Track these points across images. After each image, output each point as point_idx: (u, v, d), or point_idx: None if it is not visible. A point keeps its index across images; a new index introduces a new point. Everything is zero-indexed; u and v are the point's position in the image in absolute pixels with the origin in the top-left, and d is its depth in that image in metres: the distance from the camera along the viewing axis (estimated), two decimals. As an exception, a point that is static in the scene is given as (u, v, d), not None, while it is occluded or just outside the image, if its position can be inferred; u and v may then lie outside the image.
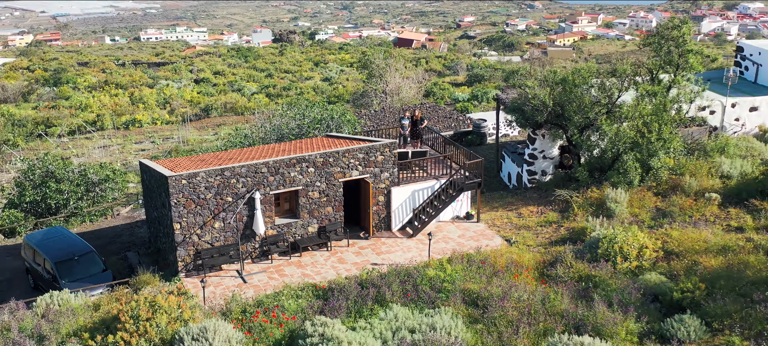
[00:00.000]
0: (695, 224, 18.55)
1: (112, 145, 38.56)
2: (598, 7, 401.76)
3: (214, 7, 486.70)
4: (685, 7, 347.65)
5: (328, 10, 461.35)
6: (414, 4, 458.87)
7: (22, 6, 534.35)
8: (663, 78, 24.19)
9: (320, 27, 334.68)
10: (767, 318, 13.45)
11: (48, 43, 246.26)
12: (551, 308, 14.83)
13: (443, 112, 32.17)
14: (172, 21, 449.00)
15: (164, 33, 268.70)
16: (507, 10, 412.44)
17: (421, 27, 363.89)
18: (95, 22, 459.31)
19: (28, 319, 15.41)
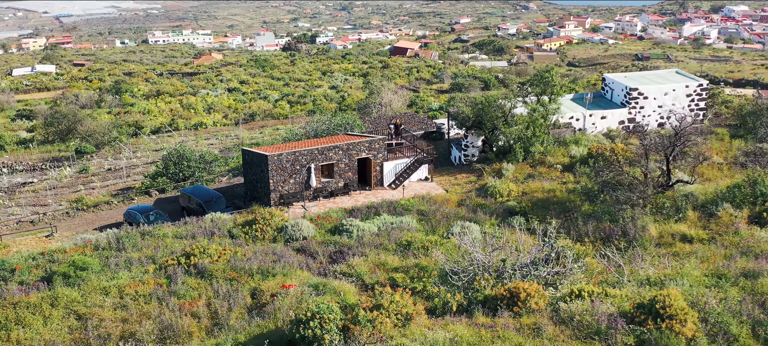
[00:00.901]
0: (543, 180, 35.73)
1: (188, 140, 55.64)
2: (591, 8, 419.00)
3: (215, 8, 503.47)
4: (674, 9, 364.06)
5: (328, 10, 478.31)
6: (411, 5, 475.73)
7: (25, 6, 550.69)
8: (545, 99, 41.28)
9: (320, 30, 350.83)
10: (553, 214, 30.50)
11: (62, 47, 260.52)
12: (457, 215, 31.97)
13: (419, 118, 49.25)
14: (174, 22, 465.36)
15: (171, 36, 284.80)
16: (502, 11, 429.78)
17: (418, 28, 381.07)
18: (98, 23, 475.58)
19: (206, 221, 32.55)
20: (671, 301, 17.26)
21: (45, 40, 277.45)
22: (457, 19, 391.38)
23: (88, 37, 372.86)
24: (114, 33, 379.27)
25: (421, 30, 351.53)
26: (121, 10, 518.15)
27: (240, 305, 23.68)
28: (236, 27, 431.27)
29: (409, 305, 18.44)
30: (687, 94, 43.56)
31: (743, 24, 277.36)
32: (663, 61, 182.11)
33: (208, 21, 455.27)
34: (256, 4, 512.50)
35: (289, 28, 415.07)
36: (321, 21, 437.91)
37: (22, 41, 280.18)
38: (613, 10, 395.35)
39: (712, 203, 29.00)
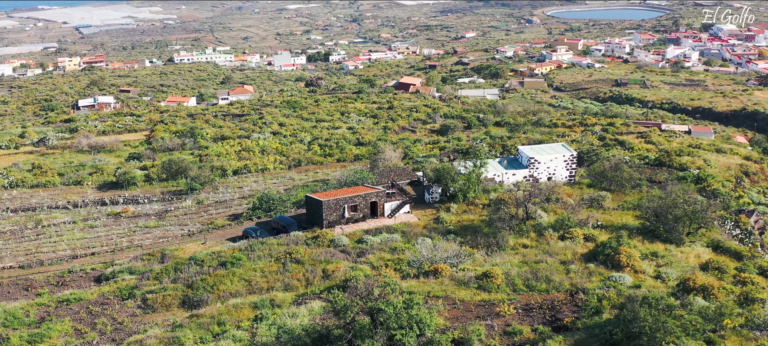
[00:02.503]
0: (471, 214, 67.87)
1: (259, 181, 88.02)
2: (592, 22, 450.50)
3: (229, 19, 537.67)
4: (668, 25, 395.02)
5: (339, 23, 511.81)
6: (419, 18, 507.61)
7: (45, 16, 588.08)
8: (477, 164, 73.29)
9: (333, 46, 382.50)
10: (468, 233, 62.60)
11: (99, 67, 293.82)
12: (421, 233, 64.22)
13: (408, 171, 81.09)
14: (191, 33, 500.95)
15: (195, 54, 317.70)
16: (506, 25, 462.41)
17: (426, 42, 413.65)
18: (117, 34, 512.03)
19: (291, 237, 65.02)
20: (493, 272, 49.74)
21: (79, 59, 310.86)
22: (463, 34, 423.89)
23: (112, 51, 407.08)
24: (137, 48, 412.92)
25: (428, 45, 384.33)
26: (138, 21, 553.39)
27: (318, 276, 56.23)
28: (251, 39, 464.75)
29: (392, 274, 51.04)
30: (564, 160, 75.79)
31: (726, 45, 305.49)
32: (639, 86, 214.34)
33: (223, 33, 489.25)
34: (269, 15, 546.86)
35: (302, 40, 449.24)
36: (332, 33, 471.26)
37: (58, 60, 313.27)
38: (613, 25, 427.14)
39: (545, 228, 61.28)
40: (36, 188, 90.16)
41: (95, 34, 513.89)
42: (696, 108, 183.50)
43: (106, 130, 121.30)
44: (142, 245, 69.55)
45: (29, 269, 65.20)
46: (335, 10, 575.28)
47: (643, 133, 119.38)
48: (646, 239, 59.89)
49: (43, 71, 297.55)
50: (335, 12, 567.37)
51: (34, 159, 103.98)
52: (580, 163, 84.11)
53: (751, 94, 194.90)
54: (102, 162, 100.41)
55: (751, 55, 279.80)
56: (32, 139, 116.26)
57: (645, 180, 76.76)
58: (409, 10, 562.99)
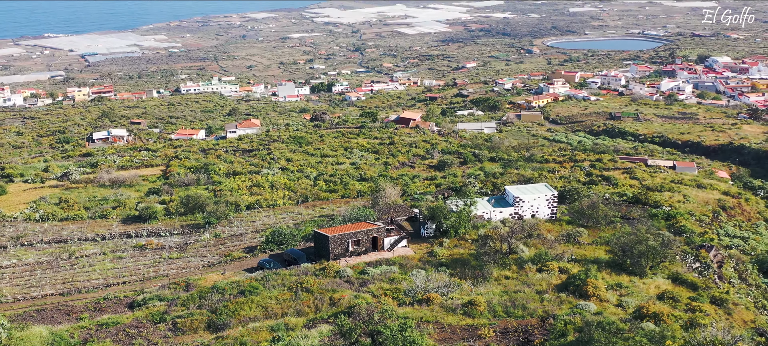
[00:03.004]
0: (461, 248, 76.93)
1: (269, 215, 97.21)
2: (591, 52, 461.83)
3: (233, 48, 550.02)
4: (664, 56, 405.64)
5: (341, 52, 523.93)
6: (421, 47, 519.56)
7: (51, 44, 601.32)
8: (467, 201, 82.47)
9: (336, 77, 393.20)
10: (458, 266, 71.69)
11: (108, 98, 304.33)
12: (416, 265, 73.26)
13: (405, 207, 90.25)
14: (195, 62, 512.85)
15: (201, 85, 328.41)
16: (507, 55, 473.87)
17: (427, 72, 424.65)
18: (123, 62, 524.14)
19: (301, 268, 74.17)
20: (477, 300, 58.82)
21: (88, 89, 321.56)
22: (464, 64, 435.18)
23: (119, 80, 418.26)
24: (144, 77, 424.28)
25: (429, 75, 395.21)
26: (143, 49, 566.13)
27: (325, 303, 65.29)
28: (255, 67, 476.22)
29: (390, 302, 60.15)
30: (546, 199, 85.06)
31: (720, 77, 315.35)
32: (632, 119, 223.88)
33: (227, 61, 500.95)
34: (273, 44, 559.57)
35: (305, 70, 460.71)
36: (335, 62, 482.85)
37: (68, 90, 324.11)
38: (612, 56, 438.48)
39: (525, 261, 70.35)
40: (65, 221, 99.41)
41: (101, 63, 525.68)
42: (685, 142, 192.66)
43: (124, 165, 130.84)
44: (167, 275, 78.61)
45: (68, 296, 74.20)
46: (338, 40, 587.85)
47: (628, 169, 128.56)
48: (614, 272, 68.93)
49: (53, 101, 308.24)
50: (338, 41, 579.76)
51: (60, 193, 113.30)
52: (562, 200, 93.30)
53: (739, 128, 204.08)
54: (123, 196, 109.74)
55: (744, 88, 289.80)
56: (56, 174, 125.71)
57: (619, 218, 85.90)
58: (411, 39, 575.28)
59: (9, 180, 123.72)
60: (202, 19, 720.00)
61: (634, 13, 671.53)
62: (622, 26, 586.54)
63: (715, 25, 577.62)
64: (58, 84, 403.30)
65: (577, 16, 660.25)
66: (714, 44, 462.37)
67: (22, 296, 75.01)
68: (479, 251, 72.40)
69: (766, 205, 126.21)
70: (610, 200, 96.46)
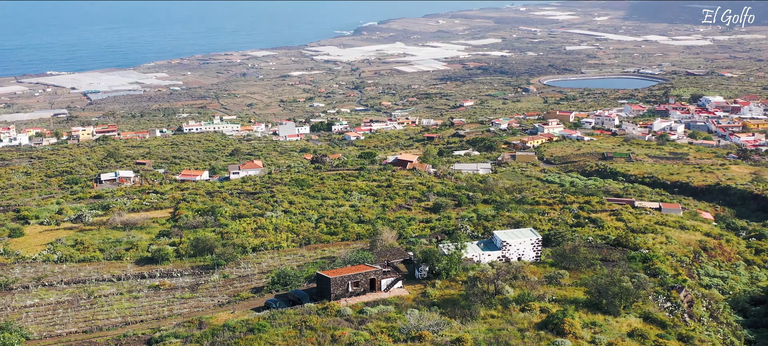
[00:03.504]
0: (452, 289, 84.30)
1: (274, 257, 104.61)
2: (587, 91, 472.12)
3: (234, 86, 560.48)
4: (659, 95, 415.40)
5: (341, 90, 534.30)
6: (419, 86, 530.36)
7: (54, 82, 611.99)
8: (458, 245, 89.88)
9: (335, 115, 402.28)
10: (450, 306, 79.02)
11: (112, 137, 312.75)
12: (411, 305, 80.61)
13: (401, 250, 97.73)
14: (197, 100, 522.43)
15: (203, 124, 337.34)
16: (504, 93, 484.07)
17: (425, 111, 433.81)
18: (124, 100, 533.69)
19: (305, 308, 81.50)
20: (464, 337, 66.19)
21: (92, 129, 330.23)
22: (462, 102, 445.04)
23: (122, 119, 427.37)
24: (146, 115, 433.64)
25: (428, 114, 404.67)
26: (145, 87, 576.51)
27: (327, 340, 72.59)
28: (255, 106, 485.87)
29: (386, 339, 67.51)
30: (531, 243, 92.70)
31: (712, 117, 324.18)
32: (624, 160, 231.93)
33: (228, 99, 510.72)
34: (273, 82, 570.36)
35: (305, 108, 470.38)
36: (335, 101, 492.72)
37: (72, 129, 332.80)
38: (607, 94, 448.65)
39: (510, 301, 77.71)
40: (82, 262, 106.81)
41: (103, 100, 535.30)
42: (675, 182, 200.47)
43: (134, 207, 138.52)
44: (181, 314, 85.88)
45: (91, 334, 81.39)
46: (337, 77, 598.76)
47: (615, 211, 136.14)
48: (590, 311, 76.27)
49: (58, 140, 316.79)
50: (337, 79, 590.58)
51: (75, 235, 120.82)
52: (547, 244, 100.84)
53: (727, 169, 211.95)
54: (135, 238, 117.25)
55: (735, 128, 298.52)
56: (70, 216, 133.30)
57: (598, 260, 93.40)
58: (410, 77, 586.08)
59: (25, 222, 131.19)
60: (203, 56, 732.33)
61: (629, 51, 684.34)
62: (618, 65, 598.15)
63: (710, 63, 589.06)
64: (62, 122, 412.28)
65: (574, 54, 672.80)
66: (708, 83, 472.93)
67: (47, 334, 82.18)
68: (468, 291, 79.72)
69: (747, 245, 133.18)
70: (593, 243, 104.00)
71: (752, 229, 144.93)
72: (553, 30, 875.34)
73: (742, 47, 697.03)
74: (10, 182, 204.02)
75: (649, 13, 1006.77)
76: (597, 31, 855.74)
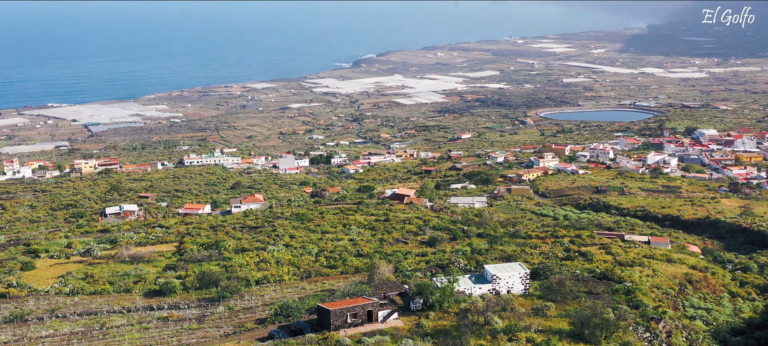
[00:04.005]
0: (445, 320, 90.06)
1: (277, 290, 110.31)
2: (583, 124, 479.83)
3: (234, 119, 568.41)
4: (653, 128, 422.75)
5: (340, 122, 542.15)
6: (418, 118, 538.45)
7: (55, 114, 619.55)
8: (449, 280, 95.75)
9: (334, 148, 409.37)
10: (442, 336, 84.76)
11: (115, 170, 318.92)
12: (405, 335, 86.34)
13: (397, 284, 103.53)
14: (197, 132, 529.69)
15: (204, 157, 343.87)
16: (501, 126, 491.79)
17: (423, 143, 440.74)
18: (125, 132, 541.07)
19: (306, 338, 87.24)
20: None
21: (95, 162, 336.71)
22: (459, 135, 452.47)
23: (123, 151, 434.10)
24: (147, 147, 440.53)
25: (426, 146, 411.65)
26: (145, 119, 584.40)
27: (328, 368, 78.32)
28: (255, 138, 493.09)
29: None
30: (519, 277, 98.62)
31: (705, 150, 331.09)
32: (617, 193, 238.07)
33: (228, 132, 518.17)
34: (273, 114, 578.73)
35: (304, 140, 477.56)
36: (334, 133, 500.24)
37: (75, 162, 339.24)
38: (603, 127, 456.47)
39: (498, 332, 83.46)
40: (93, 295, 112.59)
41: (104, 132, 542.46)
42: (666, 215, 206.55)
43: (141, 241, 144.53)
44: (189, 344, 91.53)
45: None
46: (337, 109, 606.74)
47: (605, 245, 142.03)
48: (573, 341, 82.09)
49: (61, 173, 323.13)
50: (337, 111, 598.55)
51: (85, 269, 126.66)
52: (536, 277, 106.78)
53: (718, 202, 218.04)
54: (143, 272, 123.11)
55: (727, 161, 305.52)
56: (79, 250, 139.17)
57: (584, 292, 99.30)
58: (408, 109, 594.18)
59: (35, 256, 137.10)
60: (203, 88, 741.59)
61: (626, 83, 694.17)
62: (615, 97, 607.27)
63: (706, 96, 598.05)
64: (64, 155, 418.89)
65: (571, 86, 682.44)
66: (703, 115, 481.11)
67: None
68: (459, 322, 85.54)
69: (732, 277, 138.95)
70: (580, 276, 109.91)
71: (738, 262, 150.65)
72: (551, 62, 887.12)
73: (737, 79, 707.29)
74: (16, 216, 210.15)
75: (645, 45, 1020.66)
76: (594, 63, 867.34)
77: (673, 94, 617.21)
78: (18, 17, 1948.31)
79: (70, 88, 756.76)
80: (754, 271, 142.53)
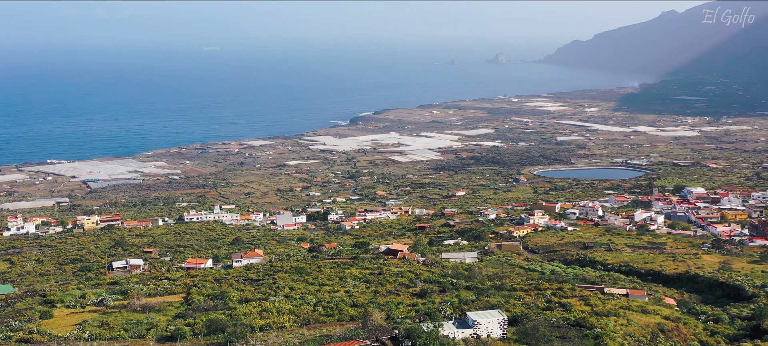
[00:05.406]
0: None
1: (279, 335, 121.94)
2: (576, 181, 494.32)
3: (232, 176, 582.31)
4: (642, 185, 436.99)
5: (336, 179, 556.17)
6: (413, 175, 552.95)
7: (54, 170, 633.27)
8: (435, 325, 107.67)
9: (331, 205, 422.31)
10: None
11: (117, 226, 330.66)
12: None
13: (388, 329, 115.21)
14: (195, 189, 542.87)
15: (203, 213, 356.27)
16: (495, 183, 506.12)
17: (419, 200, 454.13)
18: (124, 188, 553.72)
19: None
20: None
21: (97, 218, 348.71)
22: (454, 192, 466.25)
23: (123, 207, 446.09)
24: (147, 204, 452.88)
25: (421, 203, 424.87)
26: (144, 176, 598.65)
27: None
28: (253, 194, 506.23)
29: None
30: (498, 322, 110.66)
31: (692, 208, 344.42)
32: (603, 249, 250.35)
33: (226, 188, 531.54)
34: (270, 171, 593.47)
35: (301, 197, 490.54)
36: (330, 190, 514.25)
37: (77, 219, 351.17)
38: (595, 185, 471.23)
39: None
40: (110, 340, 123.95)
41: (103, 189, 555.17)
42: (648, 270, 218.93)
43: (150, 292, 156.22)
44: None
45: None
46: (333, 167, 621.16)
47: (584, 297, 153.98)
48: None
49: (63, 229, 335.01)
50: (333, 168, 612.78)
51: (99, 317, 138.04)
52: (515, 323, 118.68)
53: (699, 258, 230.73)
54: (154, 320, 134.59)
55: (713, 219, 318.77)
56: (93, 300, 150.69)
57: (556, 337, 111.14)
58: (404, 167, 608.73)
59: (52, 306, 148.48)
60: (201, 146, 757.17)
61: (619, 142, 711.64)
62: (607, 155, 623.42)
63: (696, 154, 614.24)
64: (65, 211, 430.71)
65: (564, 144, 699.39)
66: (692, 174, 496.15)
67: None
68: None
69: (704, 328, 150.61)
70: (555, 324, 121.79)
71: (712, 313, 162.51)
72: (545, 120, 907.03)
73: (728, 138, 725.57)
74: (25, 269, 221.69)
75: (638, 104, 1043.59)
76: (587, 122, 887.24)
77: (664, 152, 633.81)
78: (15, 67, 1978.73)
79: (70, 144, 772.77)
80: (725, 322, 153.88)
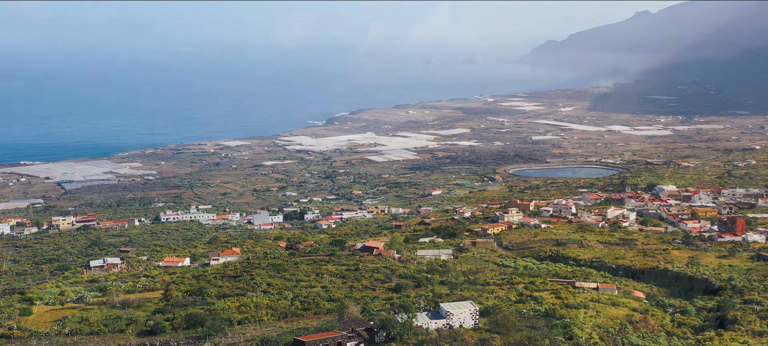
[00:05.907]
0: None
1: (257, 329, 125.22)
2: (551, 180, 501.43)
3: (208, 176, 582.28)
4: (616, 183, 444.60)
5: (313, 179, 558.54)
6: (390, 175, 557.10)
7: (28, 172, 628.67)
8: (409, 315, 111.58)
9: (307, 205, 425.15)
10: None
11: (93, 227, 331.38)
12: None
13: (364, 320, 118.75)
14: (171, 189, 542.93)
15: (180, 213, 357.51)
16: (471, 182, 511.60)
17: (395, 199, 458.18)
18: (99, 189, 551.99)
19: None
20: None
21: (72, 218, 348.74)
22: (430, 191, 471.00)
23: (99, 208, 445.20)
24: (123, 205, 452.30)
25: (397, 203, 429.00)
26: (119, 177, 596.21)
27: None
28: (229, 195, 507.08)
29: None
30: (470, 313, 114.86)
31: (664, 205, 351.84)
32: (576, 245, 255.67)
33: (202, 189, 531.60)
34: (247, 172, 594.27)
35: (278, 197, 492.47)
36: (307, 190, 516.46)
37: (53, 219, 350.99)
38: (569, 183, 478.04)
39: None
40: (91, 335, 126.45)
41: (78, 190, 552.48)
42: (619, 265, 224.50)
43: (129, 289, 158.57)
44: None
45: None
46: (310, 167, 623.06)
47: (555, 290, 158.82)
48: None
49: (39, 230, 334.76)
50: (310, 168, 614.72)
51: (79, 313, 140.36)
52: (486, 315, 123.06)
53: (669, 254, 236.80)
54: (134, 315, 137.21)
55: (684, 215, 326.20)
56: (72, 298, 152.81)
57: (526, 327, 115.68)
58: (380, 166, 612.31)
59: (31, 303, 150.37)
60: (177, 146, 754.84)
61: (593, 141, 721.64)
62: (582, 154, 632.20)
63: (669, 153, 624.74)
64: (40, 212, 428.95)
65: (540, 143, 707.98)
66: (665, 172, 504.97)
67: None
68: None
69: (671, 319, 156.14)
70: (526, 315, 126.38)
71: (679, 305, 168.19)
72: (520, 120, 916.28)
73: (700, 137, 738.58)
74: (2, 269, 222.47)
75: (612, 104, 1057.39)
76: (562, 121, 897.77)
77: (638, 151, 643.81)
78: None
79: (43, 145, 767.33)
80: (691, 314, 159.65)
